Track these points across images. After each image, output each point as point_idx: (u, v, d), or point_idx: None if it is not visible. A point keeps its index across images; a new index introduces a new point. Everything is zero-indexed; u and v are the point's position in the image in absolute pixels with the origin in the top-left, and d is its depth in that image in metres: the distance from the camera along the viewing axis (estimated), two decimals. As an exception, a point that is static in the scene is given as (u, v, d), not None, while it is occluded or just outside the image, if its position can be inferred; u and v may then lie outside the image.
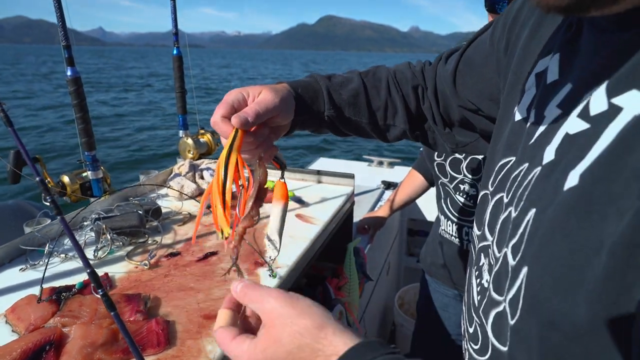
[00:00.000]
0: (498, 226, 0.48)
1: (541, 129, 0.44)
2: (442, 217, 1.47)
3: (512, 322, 0.40)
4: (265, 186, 0.60)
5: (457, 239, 1.40)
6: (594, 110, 0.36)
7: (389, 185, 2.51)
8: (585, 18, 0.42)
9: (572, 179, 0.35)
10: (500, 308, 0.43)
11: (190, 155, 1.55)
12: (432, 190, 1.57)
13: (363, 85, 0.74)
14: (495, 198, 0.51)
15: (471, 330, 0.54)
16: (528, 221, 0.40)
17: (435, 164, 1.41)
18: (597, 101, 0.36)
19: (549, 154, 0.40)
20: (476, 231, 0.57)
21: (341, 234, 1.44)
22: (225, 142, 0.56)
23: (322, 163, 3.00)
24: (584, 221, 0.33)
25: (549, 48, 0.49)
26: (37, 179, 0.50)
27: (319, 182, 1.47)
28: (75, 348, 0.68)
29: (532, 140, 0.45)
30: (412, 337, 1.69)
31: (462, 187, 1.36)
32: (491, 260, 0.49)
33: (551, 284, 0.34)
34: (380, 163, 2.99)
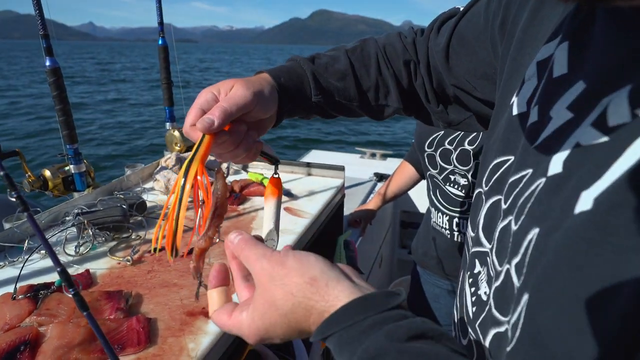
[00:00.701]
0: (497, 234, 0.44)
1: (547, 132, 0.38)
2: (432, 209, 1.45)
3: (508, 349, 0.36)
4: (258, 183, 0.57)
5: (447, 231, 1.39)
6: (613, 121, 0.31)
7: (381, 177, 2.49)
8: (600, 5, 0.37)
9: (585, 202, 0.30)
10: (502, 329, 0.39)
11: (177, 148, 1.52)
12: (424, 183, 1.55)
13: (350, 65, 0.69)
14: (491, 201, 0.47)
15: (464, 342, 0.50)
16: (530, 241, 0.35)
17: (425, 154, 1.39)
18: (617, 110, 0.31)
19: (556, 165, 0.35)
20: (470, 232, 0.53)
21: (331, 227, 1.42)
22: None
23: (315, 155, 2.98)
24: (597, 255, 0.28)
25: (553, 33, 0.43)
26: (0, 173, 0.47)
27: (309, 174, 1.45)
28: (51, 348, 0.66)
29: (537, 143, 0.40)
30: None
31: (452, 177, 1.34)
32: (490, 272, 0.44)
33: (555, 321, 0.30)
34: (373, 155, 2.97)
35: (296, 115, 0.69)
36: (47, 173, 1.16)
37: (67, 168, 1.20)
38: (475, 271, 0.49)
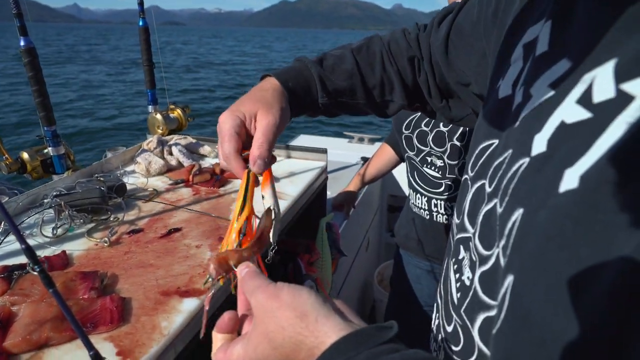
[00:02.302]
0: (480, 218, 0.44)
1: (528, 111, 0.38)
2: (411, 191, 1.47)
3: (494, 331, 0.36)
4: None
5: (426, 212, 1.41)
6: (598, 97, 0.30)
7: (368, 161, 2.50)
8: None
9: (570, 180, 0.30)
10: (493, 313, 0.39)
11: (159, 131, 1.51)
12: (410, 166, 1.56)
13: (356, 65, 0.70)
14: (476, 185, 0.47)
15: (449, 329, 0.49)
16: (514, 222, 0.35)
17: (403, 136, 1.40)
18: (602, 86, 0.30)
19: (539, 144, 0.35)
20: (455, 219, 0.53)
21: (314, 210, 1.42)
22: (240, 186, 0.54)
23: (303, 140, 2.97)
24: (586, 233, 0.28)
25: (539, 14, 0.42)
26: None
27: (289, 157, 1.45)
28: (23, 327, 0.66)
29: (518, 123, 0.39)
30: (386, 309, 1.71)
31: (429, 159, 1.35)
32: (473, 256, 0.44)
33: (542, 302, 0.30)
34: (361, 139, 2.97)
35: (302, 115, 0.71)
36: (25, 155, 1.15)
37: (45, 151, 1.19)
38: (460, 257, 0.49)
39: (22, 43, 1.05)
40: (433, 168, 1.35)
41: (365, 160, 2.50)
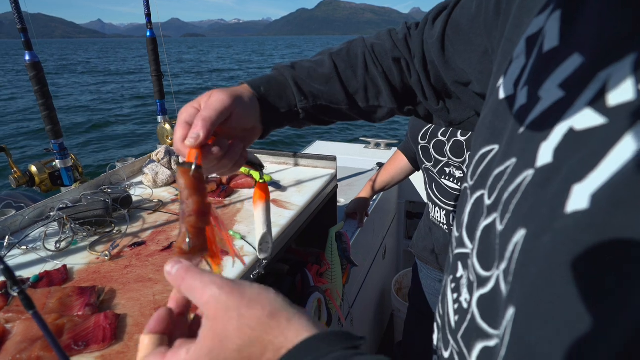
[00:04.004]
0: (478, 234, 0.39)
1: (534, 114, 0.34)
2: (430, 204, 1.41)
3: None
4: (245, 175, 0.56)
5: (445, 226, 1.35)
6: (614, 99, 0.26)
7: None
8: None
9: (579, 199, 0.26)
10: (492, 343, 0.35)
11: (168, 141, 1.51)
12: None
13: (334, 68, 0.65)
14: (476, 196, 0.42)
15: (446, 354, 0.45)
16: (516, 245, 0.31)
17: (419, 147, 1.34)
18: (619, 86, 0.26)
19: (545, 154, 0.30)
20: (455, 232, 0.48)
21: (323, 219, 1.39)
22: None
23: (318, 145, 2.95)
24: (597, 266, 0.24)
25: (545, 4, 0.38)
26: None
27: (296, 165, 1.42)
28: (14, 345, 0.65)
29: (523, 129, 0.35)
30: (404, 324, 1.65)
31: (447, 170, 1.29)
32: (470, 276, 0.40)
33: (546, 345, 0.26)
34: (377, 145, 2.92)
35: (285, 124, 0.67)
36: (34, 169, 1.16)
37: (54, 163, 1.19)
38: (458, 275, 0.45)
39: (27, 57, 1.05)
40: (452, 179, 1.29)
41: (380, 166, 2.45)
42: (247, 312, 0.35)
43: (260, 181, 0.71)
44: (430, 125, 1.30)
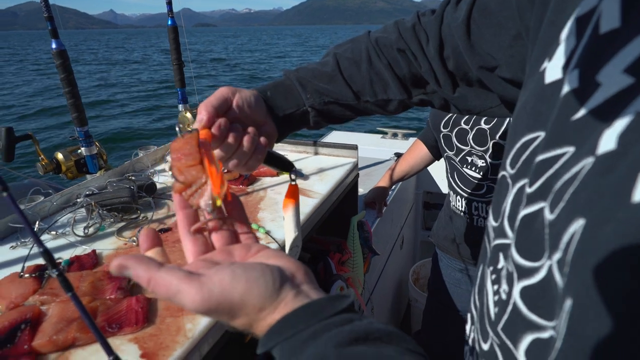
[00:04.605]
0: (517, 223, 0.38)
1: (596, 101, 0.31)
2: (451, 192, 1.40)
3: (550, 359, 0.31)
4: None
5: (467, 215, 1.33)
6: None
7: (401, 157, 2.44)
8: None
9: None
10: (545, 335, 0.33)
11: (189, 130, 1.51)
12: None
13: (337, 66, 0.66)
14: (519, 185, 0.41)
15: (485, 347, 0.43)
16: (573, 235, 0.29)
17: (441, 135, 1.33)
18: None
19: (608, 141, 0.28)
20: (492, 221, 0.46)
21: (345, 208, 1.39)
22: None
23: (335, 135, 2.93)
24: None
25: None
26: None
27: (316, 153, 1.42)
28: (51, 326, 0.66)
29: (579, 115, 0.32)
30: (423, 315, 1.65)
31: (469, 159, 1.27)
32: (509, 267, 0.39)
33: (606, 340, 0.25)
34: (395, 135, 2.90)
35: (299, 125, 0.68)
36: (60, 156, 1.17)
37: (79, 151, 1.21)
38: (499, 266, 0.43)
39: (53, 46, 1.07)
40: (473, 168, 1.27)
41: (398, 156, 2.44)
42: (270, 270, 0.37)
43: (292, 183, 0.72)
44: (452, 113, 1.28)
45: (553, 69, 0.38)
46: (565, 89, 0.34)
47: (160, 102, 11.93)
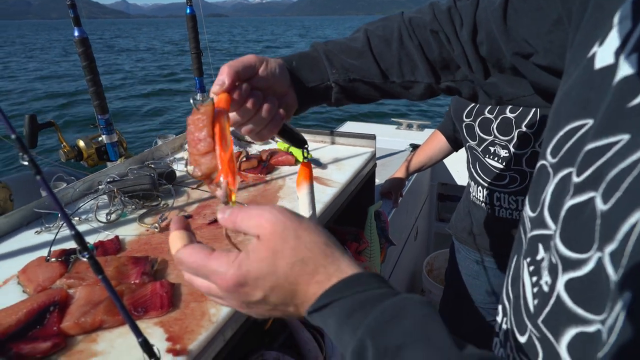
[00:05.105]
0: (563, 213, 0.37)
1: None
2: (472, 183, 1.38)
3: (600, 354, 0.31)
4: (285, 152, 0.58)
5: (488, 206, 1.32)
6: None
7: (416, 147, 2.42)
8: None
9: None
10: (591, 329, 0.32)
11: (207, 119, 1.52)
12: (464, 155, 1.47)
13: (367, 43, 0.64)
14: (561, 174, 0.40)
15: (522, 339, 0.43)
16: (633, 226, 0.29)
17: (463, 125, 1.31)
18: None
19: None
20: (529, 212, 0.45)
21: (362, 197, 1.39)
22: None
23: (350, 126, 2.92)
24: None
25: None
26: (13, 136, 0.46)
27: (335, 143, 1.41)
28: (78, 309, 0.68)
29: (636, 102, 0.31)
30: (440, 306, 1.64)
31: (491, 149, 1.26)
32: (553, 258, 0.38)
33: None
34: (410, 126, 2.88)
35: (320, 101, 0.67)
36: (81, 143, 1.19)
37: (100, 139, 1.22)
38: (538, 258, 0.42)
39: (76, 33, 1.07)
40: (496, 159, 1.26)
41: (414, 147, 2.42)
42: (304, 235, 0.39)
43: (304, 160, 0.71)
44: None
45: (604, 54, 0.36)
46: (620, 74, 0.33)
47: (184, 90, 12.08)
